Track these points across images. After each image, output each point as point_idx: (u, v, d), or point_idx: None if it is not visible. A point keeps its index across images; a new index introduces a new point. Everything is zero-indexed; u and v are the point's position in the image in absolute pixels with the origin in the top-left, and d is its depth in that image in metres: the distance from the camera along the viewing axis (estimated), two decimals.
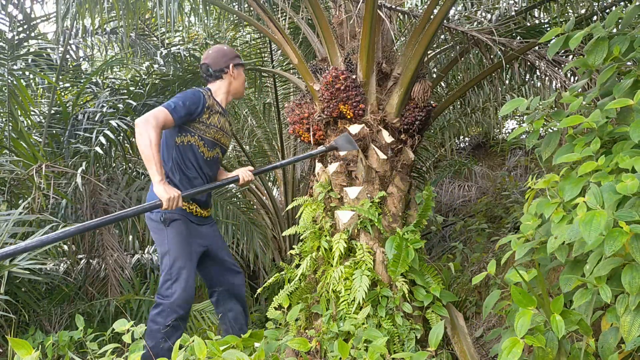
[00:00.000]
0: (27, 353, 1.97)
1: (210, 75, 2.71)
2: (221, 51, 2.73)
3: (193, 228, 2.59)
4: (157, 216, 2.48)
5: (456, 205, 6.87)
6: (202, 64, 2.74)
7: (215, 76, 2.71)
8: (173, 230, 2.48)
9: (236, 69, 2.73)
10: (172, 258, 2.46)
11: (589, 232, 1.73)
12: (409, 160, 3.61)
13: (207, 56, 2.74)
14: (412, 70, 3.51)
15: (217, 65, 2.69)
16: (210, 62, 2.70)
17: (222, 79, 2.72)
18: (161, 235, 2.49)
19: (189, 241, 2.53)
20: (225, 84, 2.73)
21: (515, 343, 1.83)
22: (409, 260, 3.09)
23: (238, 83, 2.77)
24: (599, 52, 2.36)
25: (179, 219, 2.51)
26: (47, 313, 4.12)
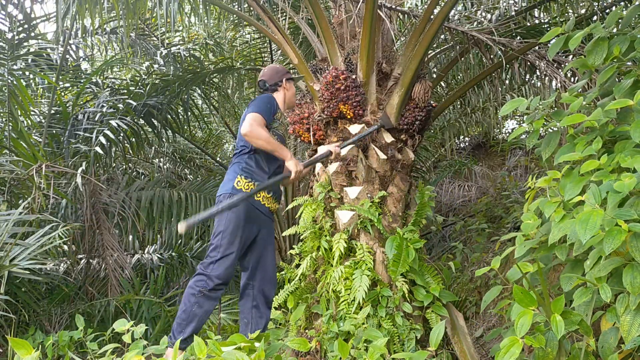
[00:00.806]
0: (27, 353, 1.97)
1: (267, 89, 3.11)
2: (275, 69, 3.16)
3: (254, 215, 2.81)
4: (226, 197, 2.76)
5: (456, 205, 6.87)
6: (259, 81, 3.14)
7: (272, 89, 3.10)
8: (233, 214, 2.72)
9: (288, 82, 3.13)
10: (226, 238, 2.70)
11: (585, 231, 1.74)
12: (409, 160, 3.61)
13: (263, 74, 3.15)
14: (412, 70, 3.51)
15: (272, 80, 3.09)
16: (267, 79, 3.10)
17: (277, 92, 3.11)
18: (222, 215, 2.72)
19: (244, 227, 2.76)
20: (281, 95, 3.11)
21: (514, 343, 1.83)
22: (409, 260, 3.09)
23: (290, 94, 3.16)
24: (599, 52, 2.36)
25: (241, 206, 2.74)
26: (47, 313, 4.12)
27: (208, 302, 2.66)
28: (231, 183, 2.79)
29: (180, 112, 5.81)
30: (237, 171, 2.82)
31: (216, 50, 6.67)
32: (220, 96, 6.46)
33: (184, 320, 2.59)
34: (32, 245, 3.33)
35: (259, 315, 2.89)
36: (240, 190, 2.76)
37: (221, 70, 5.65)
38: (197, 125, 7.12)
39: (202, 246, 5.92)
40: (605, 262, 1.87)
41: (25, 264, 3.18)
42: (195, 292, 2.63)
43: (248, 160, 2.86)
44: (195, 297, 2.62)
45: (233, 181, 2.78)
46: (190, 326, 2.56)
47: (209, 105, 6.54)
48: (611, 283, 1.90)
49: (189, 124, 6.48)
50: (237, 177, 2.79)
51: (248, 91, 6.94)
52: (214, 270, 2.66)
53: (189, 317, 2.59)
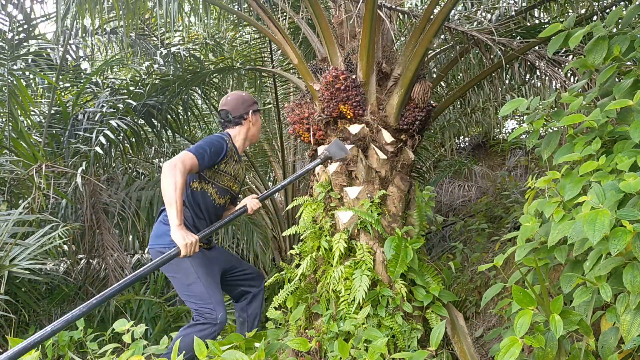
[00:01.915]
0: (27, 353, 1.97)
1: (230, 121, 2.78)
2: (240, 98, 2.81)
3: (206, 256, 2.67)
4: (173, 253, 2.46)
5: (456, 205, 6.87)
6: (221, 110, 2.82)
7: (235, 122, 2.78)
8: (197, 259, 2.53)
9: (254, 115, 2.82)
10: (204, 284, 2.50)
11: (594, 232, 1.71)
12: (409, 160, 3.61)
13: (226, 103, 2.81)
14: (412, 70, 3.51)
15: (236, 112, 2.77)
16: (229, 109, 2.77)
17: (241, 125, 2.80)
18: (184, 267, 2.51)
19: (211, 266, 2.63)
20: (244, 129, 2.81)
21: (513, 342, 1.83)
22: (407, 260, 3.09)
23: (255, 129, 2.86)
24: (599, 51, 2.36)
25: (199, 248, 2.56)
26: (47, 313, 4.12)
27: None
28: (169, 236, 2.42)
29: (180, 112, 5.81)
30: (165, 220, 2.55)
31: (216, 50, 6.67)
32: (220, 96, 6.45)
33: None
34: (32, 245, 3.33)
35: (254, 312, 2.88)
36: None
37: (221, 70, 5.65)
38: (197, 125, 7.12)
39: None
40: (605, 261, 1.87)
41: (25, 264, 3.19)
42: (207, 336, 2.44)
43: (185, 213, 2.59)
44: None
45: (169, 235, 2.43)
46: None
47: (209, 105, 6.54)
48: (611, 283, 1.89)
49: (189, 124, 6.48)
50: None
51: (248, 91, 6.93)
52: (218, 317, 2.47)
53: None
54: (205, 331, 2.44)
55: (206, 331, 2.44)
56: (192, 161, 2.45)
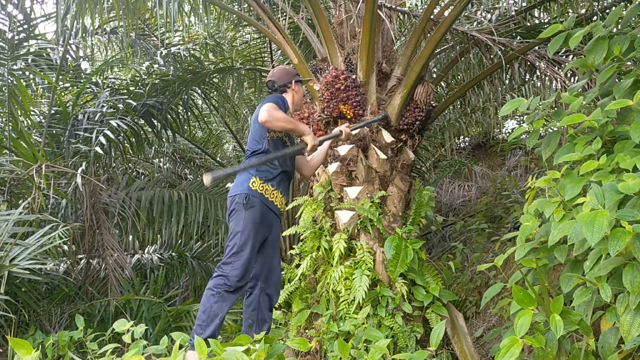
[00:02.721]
0: (27, 353, 1.97)
1: (276, 90, 3.09)
2: (285, 70, 3.15)
3: (269, 217, 2.84)
4: (242, 198, 2.76)
5: (456, 205, 6.87)
6: (268, 81, 3.12)
7: (281, 90, 3.09)
8: (250, 214, 2.74)
9: (297, 84, 3.10)
10: (244, 238, 2.72)
11: (592, 233, 1.71)
12: (409, 160, 3.61)
13: (272, 74, 3.13)
14: (416, 72, 3.52)
15: (281, 81, 3.08)
16: (276, 79, 3.09)
17: (286, 92, 3.08)
18: (239, 216, 2.76)
19: (259, 228, 2.79)
20: (289, 97, 3.08)
21: (514, 342, 1.83)
22: (407, 260, 3.09)
23: (298, 97, 3.13)
24: (599, 51, 2.36)
25: (257, 207, 2.77)
26: (47, 313, 4.12)
27: (228, 302, 2.68)
28: (246, 184, 2.78)
29: (180, 112, 5.81)
30: (252, 172, 2.82)
31: (216, 50, 6.67)
32: (220, 96, 6.46)
33: (204, 321, 2.59)
34: (32, 245, 3.33)
35: (262, 318, 2.90)
36: (255, 191, 2.77)
37: (221, 70, 5.65)
38: (197, 125, 7.12)
39: (202, 246, 5.92)
40: (605, 261, 1.87)
41: (25, 264, 3.18)
42: (215, 292, 2.64)
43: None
44: (215, 297, 2.63)
45: (248, 182, 2.78)
46: (212, 326, 2.56)
47: (209, 105, 6.54)
48: (611, 283, 1.89)
49: (189, 124, 6.48)
50: (252, 178, 2.79)
51: (248, 91, 6.94)
52: (232, 271, 2.67)
53: (209, 318, 2.59)
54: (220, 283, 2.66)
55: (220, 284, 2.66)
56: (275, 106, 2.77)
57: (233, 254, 2.70)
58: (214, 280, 2.70)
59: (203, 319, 2.59)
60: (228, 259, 2.71)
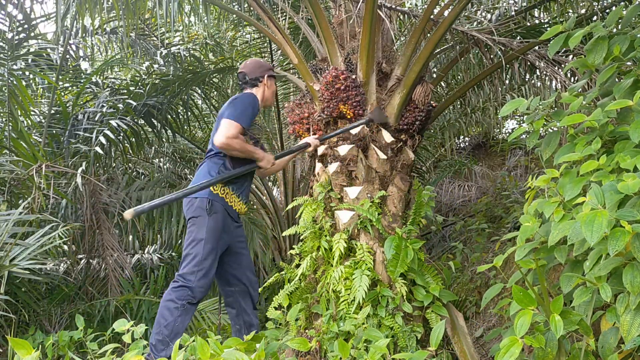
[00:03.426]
0: (27, 353, 1.97)
1: (247, 82, 2.97)
2: (258, 62, 3.05)
3: (228, 223, 2.75)
4: (204, 202, 2.65)
5: (456, 205, 6.87)
6: (239, 72, 3.00)
7: (251, 84, 2.96)
8: (213, 221, 2.65)
9: (269, 79, 3.00)
10: (208, 247, 2.62)
11: (591, 233, 1.71)
12: (409, 160, 3.61)
13: (244, 66, 3.01)
14: (416, 72, 3.52)
15: (253, 74, 2.96)
16: (247, 71, 2.97)
17: (257, 87, 2.97)
18: (201, 222, 2.65)
19: (222, 236, 2.70)
20: (260, 91, 2.98)
21: (513, 342, 1.83)
22: (407, 260, 3.09)
23: (270, 92, 3.03)
24: (599, 51, 2.36)
25: (219, 213, 2.68)
26: (47, 313, 4.12)
27: (189, 315, 2.58)
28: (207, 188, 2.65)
29: (180, 112, 5.82)
30: (213, 175, 2.70)
31: (216, 50, 6.67)
32: (220, 96, 6.45)
33: (167, 336, 2.46)
34: (32, 245, 3.33)
35: (248, 321, 2.88)
36: (217, 195, 2.67)
37: (221, 70, 5.65)
38: (197, 125, 7.12)
39: None
40: (605, 261, 1.87)
41: (25, 264, 3.18)
42: (179, 305, 2.52)
43: (226, 164, 2.75)
44: (178, 311, 2.52)
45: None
46: (174, 340, 2.40)
47: (209, 105, 6.54)
48: (611, 283, 1.89)
49: (189, 124, 6.48)
50: None
51: None
52: (198, 281, 2.56)
53: (172, 333, 2.48)
54: (183, 295, 2.55)
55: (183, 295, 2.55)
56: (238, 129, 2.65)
57: (197, 263, 2.58)
58: (177, 292, 2.56)
59: (165, 334, 2.47)
60: (192, 268, 2.57)
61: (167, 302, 2.57)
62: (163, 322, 2.52)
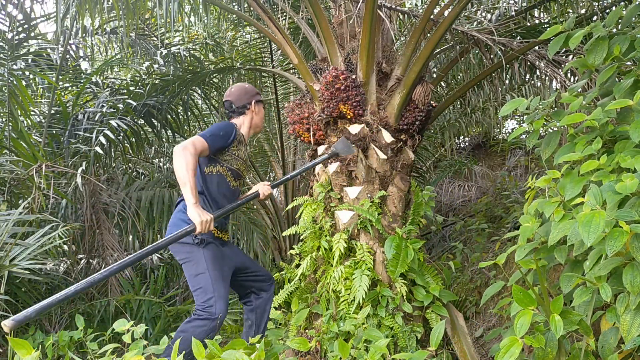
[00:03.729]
0: (27, 353, 1.97)
1: (234, 111, 2.87)
2: (243, 89, 2.91)
3: (222, 251, 2.69)
4: (191, 239, 2.54)
5: (456, 205, 6.87)
6: (225, 101, 2.90)
7: (239, 112, 2.87)
8: (209, 251, 2.57)
9: (257, 105, 2.90)
10: (211, 277, 2.53)
11: (589, 233, 1.72)
12: (409, 160, 3.61)
13: (230, 94, 2.90)
14: (415, 72, 3.52)
15: (240, 102, 2.85)
16: (233, 99, 2.86)
17: (245, 115, 2.87)
18: (196, 257, 2.56)
19: (223, 262, 2.64)
20: (248, 119, 2.88)
21: (513, 342, 1.83)
22: (408, 260, 3.09)
23: (258, 118, 2.93)
24: (599, 51, 2.36)
25: (213, 242, 2.61)
26: (47, 313, 4.12)
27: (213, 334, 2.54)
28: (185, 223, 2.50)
29: (180, 112, 5.81)
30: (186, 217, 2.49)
31: (216, 50, 6.67)
32: (220, 96, 6.45)
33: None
34: (32, 245, 3.33)
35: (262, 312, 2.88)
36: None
37: (221, 70, 5.65)
38: (197, 125, 7.12)
39: None
40: (605, 261, 1.87)
41: (25, 264, 3.18)
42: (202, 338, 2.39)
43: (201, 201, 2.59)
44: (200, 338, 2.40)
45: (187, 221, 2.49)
46: None
47: (209, 105, 6.54)
48: (611, 283, 1.89)
49: (189, 124, 6.48)
50: None
51: None
52: (217, 311, 2.48)
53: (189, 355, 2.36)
54: (204, 327, 2.46)
55: (204, 327, 2.47)
56: (202, 144, 2.51)
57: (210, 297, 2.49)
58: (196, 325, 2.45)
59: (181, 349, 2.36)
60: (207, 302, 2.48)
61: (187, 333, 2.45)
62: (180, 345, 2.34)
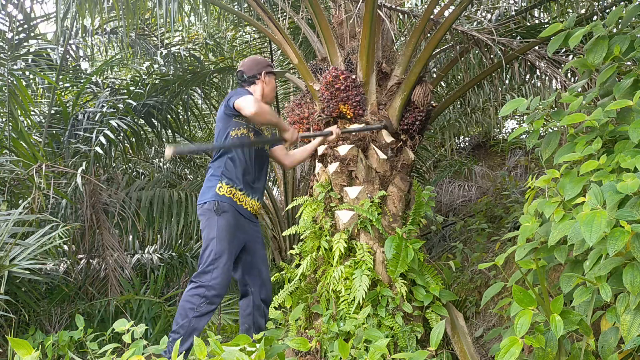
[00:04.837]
0: (27, 353, 1.97)
1: (245, 80, 2.94)
2: (255, 60, 3.01)
3: (241, 222, 2.76)
4: (211, 205, 2.67)
5: (456, 205, 6.87)
6: (237, 71, 2.98)
7: (249, 82, 2.94)
8: (223, 220, 2.66)
9: (268, 76, 2.96)
10: (222, 244, 2.64)
11: (590, 233, 1.72)
12: (409, 160, 3.61)
13: (242, 64, 3.00)
14: (416, 74, 3.52)
15: (251, 72, 2.93)
16: (245, 69, 2.94)
17: (255, 84, 2.94)
18: (211, 222, 2.66)
19: (235, 233, 2.71)
20: (259, 89, 2.94)
21: (513, 342, 1.83)
22: (408, 260, 3.09)
23: (269, 89, 2.99)
24: (599, 51, 2.35)
25: (229, 212, 2.68)
26: (47, 313, 4.12)
27: (207, 316, 2.59)
28: (213, 190, 2.68)
29: (180, 112, 5.82)
30: (218, 176, 2.72)
31: (216, 50, 6.67)
32: (220, 96, 6.46)
33: (183, 335, 2.49)
34: (32, 245, 3.33)
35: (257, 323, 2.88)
36: (224, 196, 2.67)
37: (221, 70, 5.65)
38: (197, 125, 7.13)
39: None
40: (605, 261, 1.87)
41: (25, 264, 3.18)
42: (195, 306, 2.54)
43: (227, 165, 2.75)
44: (194, 311, 2.53)
45: (214, 188, 2.68)
46: (191, 339, 2.45)
47: (209, 105, 6.55)
48: (611, 283, 1.89)
49: (189, 124, 6.49)
50: (219, 183, 2.69)
51: None
52: (212, 280, 2.57)
53: (187, 332, 2.50)
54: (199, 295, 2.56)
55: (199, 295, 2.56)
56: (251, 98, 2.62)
57: (211, 262, 2.59)
58: (192, 291, 2.57)
59: (182, 334, 2.49)
60: (207, 268, 2.59)
61: (184, 302, 2.58)
62: (180, 320, 2.55)
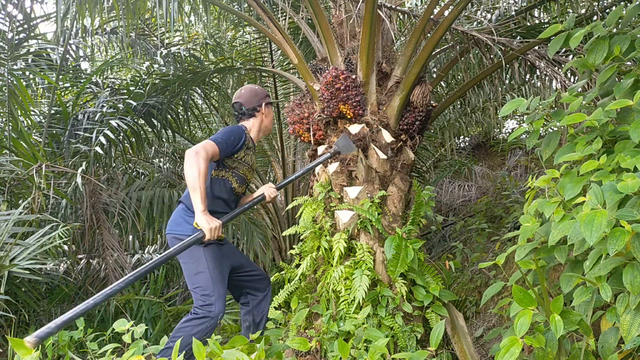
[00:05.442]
0: (27, 353, 1.97)
1: (244, 113, 2.86)
2: (253, 91, 2.91)
3: (221, 249, 2.71)
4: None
5: (456, 205, 6.87)
6: (234, 103, 2.89)
7: (249, 114, 2.86)
8: (210, 251, 2.59)
9: (267, 107, 2.91)
10: (211, 276, 2.56)
11: (591, 233, 1.72)
12: (409, 160, 3.61)
13: (239, 95, 2.89)
14: (415, 74, 3.52)
15: (250, 104, 2.85)
16: (243, 101, 2.85)
17: (255, 117, 2.88)
18: (197, 255, 2.57)
19: (222, 261, 2.66)
20: (258, 121, 2.89)
21: (513, 342, 1.83)
22: (408, 260, 3.09)
23: (268, 120, 2.93)
24: (599, 51, 2.36)
25: (213, 242, 2.60)
26: (47, 313, 4.12)
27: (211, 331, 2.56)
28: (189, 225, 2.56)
29: (180, 112, 5.82)
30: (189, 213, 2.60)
31: (216, 50, 6.67)
32: (220, 96, 6.46)
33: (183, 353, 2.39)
34: (32, 245, 3.33)
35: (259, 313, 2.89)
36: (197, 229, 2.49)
37: (221, 70, 5.65)
38: (197, 125, 7.12)
39: None
40: (605, 261, 1.87)
41: (25, 264, 3.18)
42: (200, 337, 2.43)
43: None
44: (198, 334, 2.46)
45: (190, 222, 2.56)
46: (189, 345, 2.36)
47: (209, 105, 6.55)
48: (611, 283, 1.89)
49: (189, 124, 6.48)
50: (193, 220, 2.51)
51: None
52: (215, 309, 2.50)
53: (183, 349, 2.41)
54: (201, 326, 2.49)
55: (202, 326, 2.49)
56: (214, 148, 2.51)
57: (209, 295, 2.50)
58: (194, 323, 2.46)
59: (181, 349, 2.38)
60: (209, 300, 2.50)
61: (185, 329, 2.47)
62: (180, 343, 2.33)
